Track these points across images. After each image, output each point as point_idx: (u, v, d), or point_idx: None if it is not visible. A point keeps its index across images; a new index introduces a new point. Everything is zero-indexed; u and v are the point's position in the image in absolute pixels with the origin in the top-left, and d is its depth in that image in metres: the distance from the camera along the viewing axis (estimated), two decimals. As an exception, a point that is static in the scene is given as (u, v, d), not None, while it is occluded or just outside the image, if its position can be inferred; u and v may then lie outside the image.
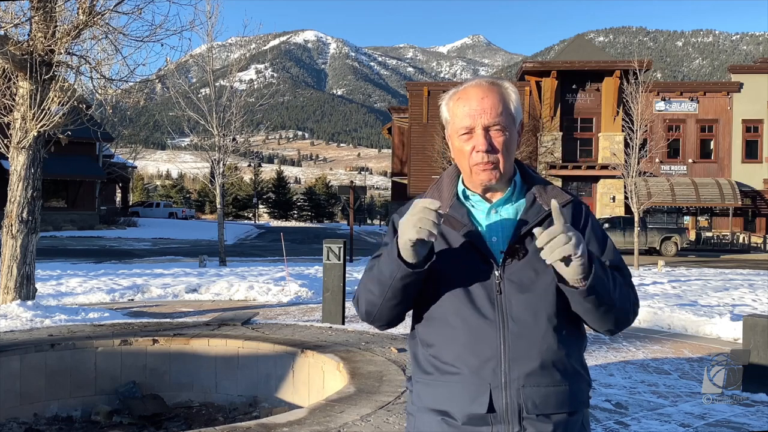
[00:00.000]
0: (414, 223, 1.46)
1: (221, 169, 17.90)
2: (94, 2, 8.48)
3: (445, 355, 1.57)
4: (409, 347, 1.72)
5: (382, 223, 63.00)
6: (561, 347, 1.55)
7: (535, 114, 33.24)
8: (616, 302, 1.54)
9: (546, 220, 1.59)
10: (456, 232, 1.60)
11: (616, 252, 1.68)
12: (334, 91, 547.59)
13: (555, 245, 1.41)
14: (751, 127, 34.68)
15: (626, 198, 23.36)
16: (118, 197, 51.11)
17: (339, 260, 8.43)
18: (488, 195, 1.64)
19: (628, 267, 1.76)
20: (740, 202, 32.46)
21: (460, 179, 1.69)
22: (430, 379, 1.60)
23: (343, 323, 8.17)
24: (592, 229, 1.66)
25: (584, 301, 1.49)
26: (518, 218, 1.60)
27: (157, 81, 11.64)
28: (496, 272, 1.56)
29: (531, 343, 1.52)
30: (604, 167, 32.80)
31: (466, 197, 1.66)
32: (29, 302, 8.38)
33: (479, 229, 1.61)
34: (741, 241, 32.23)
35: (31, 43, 8.32)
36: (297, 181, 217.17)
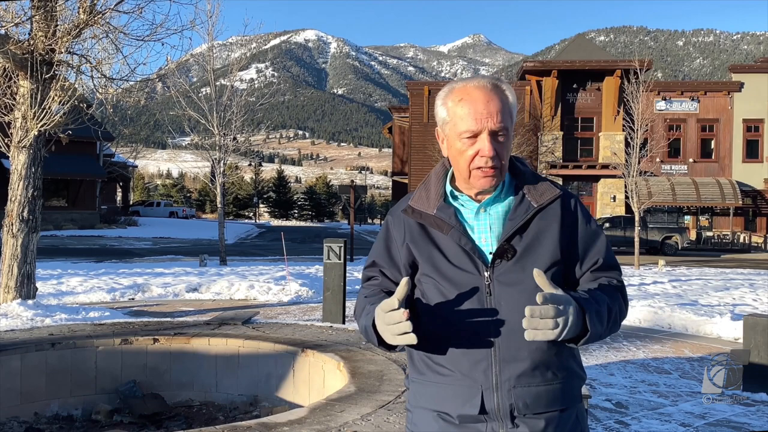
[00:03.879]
0: (392, 333, 1.46)
1: (222, 169, 17.90)
2: (95, 1, 8.48)
3: (436, 357, 1.57)
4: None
5: (382, 222, 62.89)
6: (552, 346, 1.53)
7: (536, 113, 33.24)
8: (606, 333, 1.55)
9: (535, 218, 1.56)
10: (444, 234, 1.58)
11: (608, 250, 1.65)
12: (335, 91, 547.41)
13: (540, 326, 1.39)
14: (752, 127, 34.66)
15: (627, 198, 23.35)
16: (119, 196, 51.09)
17: (339, 260, 8.42)
18: (477, 196, 1.60)
19: (630, 267, 1.74)
20: (741, 202, 32.44)
21: (447, 178, 1.65)
22: (424, 379, 1.61)
23: (344, 322, 8.17)
24: (583, 224, 1.62)
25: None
26: (507, 217, 1.57)
27: (157, 80, 11.65)
28: (486, 273, 1.54)
29: (521, 344, 1.50)
30: (605, 167, 32.78)
31: (455, 197, 1.62)
32: (30, 301, 8.39)
33: (468, 229, 1.58)
34: (741, 240, 32.22)
35: (31, 42, 8.32)
36: (297, 180, 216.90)
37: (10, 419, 5.03)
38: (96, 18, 8.47)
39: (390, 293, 1.61)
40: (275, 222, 62.82)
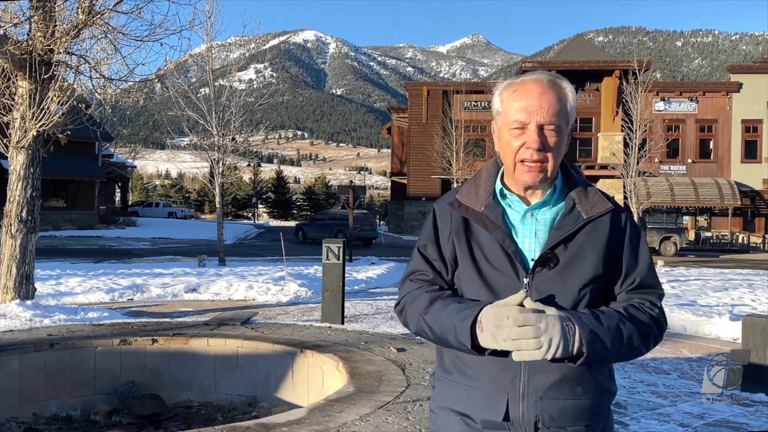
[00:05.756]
0: (511, 336, 1.37)
1: (221, 169, 17.89)
2: (94, 2, 8.48)
3: (466, 358, 1.55)
4: None
5: (382, 222, 62.86)
6: None
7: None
8: (621, 356, 1.48)
9: (582, 229, 1.53)
10: (488, 233, 1.54)
11: (649, 270, 1.59)
12: (334, 91, 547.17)
13: (522, 346, 1.35)
14: (751, 127, 34.69)
15: (625, 198, 23.33)
16: (118, 197, 51.07)
17: (338, 260, 8.42)
18: (527, 195, 1.57)
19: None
20: (739, 202, 32.46)
21: (498, 176, 1.62)
22: (451, 380, 1.60)
23: (343, 323, 8.16)
24: (629, 241, 1.58)
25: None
26: (554, 226, 1.53)
27: (156, 80, 11.65)
28: (525, 280, 1.50)
29: None
30: (604, 167, 32.79)
31: (504, 196, 1.59)
32: (28, 302, 8.39)
33: (513, 232, 1.55)
34: (740, 241, 32.22)
35: (30, 43, 8.31)
36: (296, 180, 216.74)
37: (8, 420, 5.03)
38: (95, 18, 8.47)
39: (442, 289, 1.60)
40: (274, 222, 62.78)
